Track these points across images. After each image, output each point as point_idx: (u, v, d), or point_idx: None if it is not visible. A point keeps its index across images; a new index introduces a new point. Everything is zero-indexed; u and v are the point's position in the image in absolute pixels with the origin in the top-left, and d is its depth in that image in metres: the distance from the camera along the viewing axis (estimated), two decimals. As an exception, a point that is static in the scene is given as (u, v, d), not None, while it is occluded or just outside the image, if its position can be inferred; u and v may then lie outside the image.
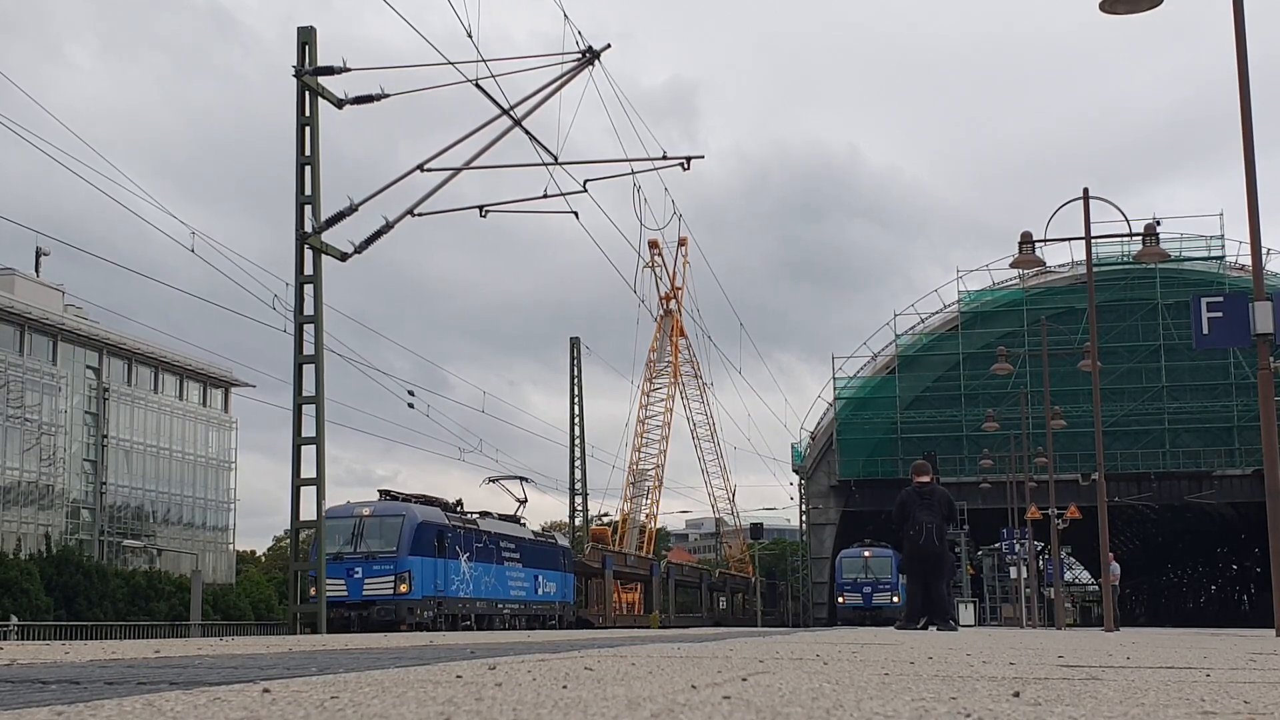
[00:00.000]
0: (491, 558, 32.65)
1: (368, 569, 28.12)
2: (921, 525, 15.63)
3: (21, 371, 54.96)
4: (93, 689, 3.13)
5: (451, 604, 29.86)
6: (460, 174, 20.30)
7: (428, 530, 29.06)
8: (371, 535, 28.68)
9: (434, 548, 29.12)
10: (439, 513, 30.38)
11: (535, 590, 35.84)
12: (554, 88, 19.62)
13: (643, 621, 50.92)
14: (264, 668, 4.20)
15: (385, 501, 30.59)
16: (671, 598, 58.51)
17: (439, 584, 29.25)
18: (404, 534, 28.51)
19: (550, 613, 37.00)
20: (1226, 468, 61.10)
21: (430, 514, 29.74)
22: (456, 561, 30.29)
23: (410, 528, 28.68)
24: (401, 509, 29.42)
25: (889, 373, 66.18)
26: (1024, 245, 21.65)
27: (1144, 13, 12.96)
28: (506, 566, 33.76)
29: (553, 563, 37.83)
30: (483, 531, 32.48)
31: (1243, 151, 12.08)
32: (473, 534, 31.82)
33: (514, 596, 34.14)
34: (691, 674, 3.60)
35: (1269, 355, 12.28)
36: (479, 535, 32.21)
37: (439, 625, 28.79)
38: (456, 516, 31.40)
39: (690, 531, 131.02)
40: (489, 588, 32.43)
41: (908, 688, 3.14)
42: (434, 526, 29.46)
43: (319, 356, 19.18)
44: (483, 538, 32.30)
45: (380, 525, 28.68)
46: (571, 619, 39.19)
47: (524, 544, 35.57)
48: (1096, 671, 4.14)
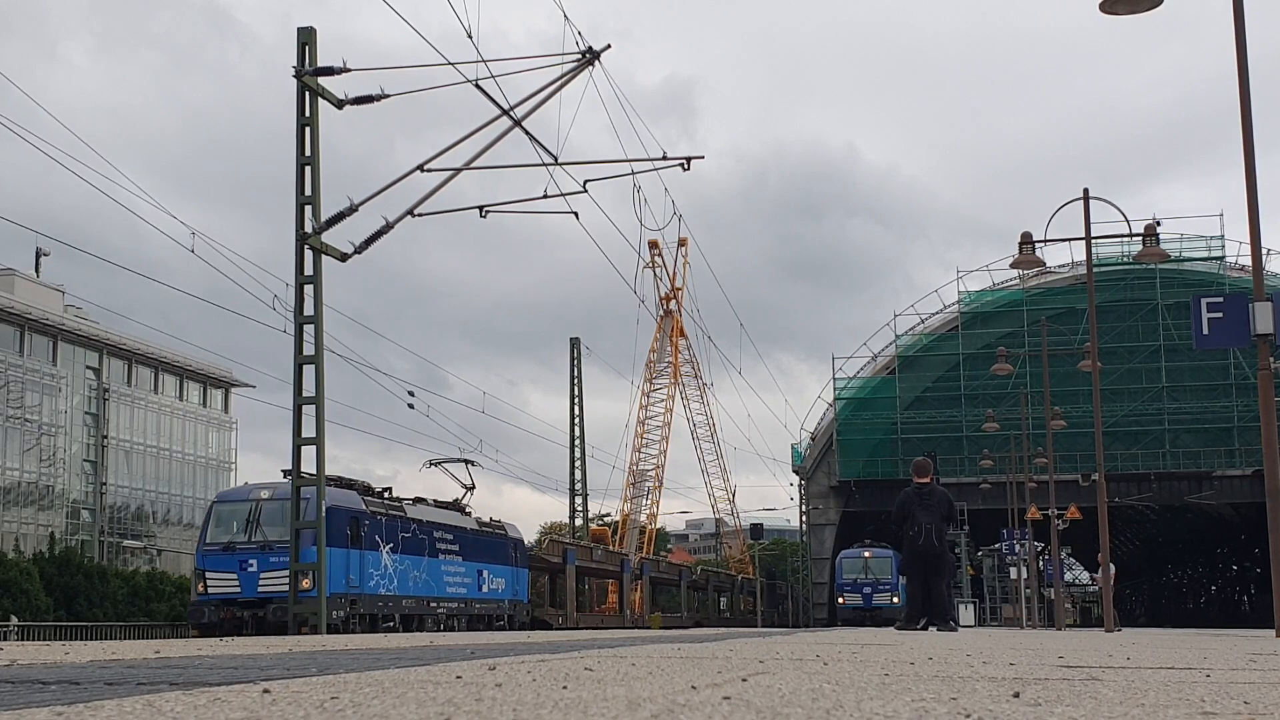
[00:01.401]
0: (422, 549, 29.09)
1: (264, 561, 24.48)
2: (921, 526, 15.62)
3: (21, 372, 54.97)
4: (93, 689, 3.13)
5: (369, 602, 26.33)
6: (460, 174, 20.32)
7: (337, 517, 24.97)
8: (270, 522, 24.92)
9: (345, 537, 25.43)
10: (354, 496, 26.76)
11: (479, 587, 32.31)
12: (554, 88, 19.64)
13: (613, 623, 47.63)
14: (264, 668, 4.20)
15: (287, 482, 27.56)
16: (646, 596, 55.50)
17: (352, 579, 25.71)
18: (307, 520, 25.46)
19: (497, 612, 33.41)
20: (1226, 468, 61.10)
21: (340, 498, 25.85)
22: (376, 554, 26.73)
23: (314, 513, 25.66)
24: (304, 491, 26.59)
25: (889, 373, 66.19)
26: (1024, 245, 21.67)
27: (1144, 13, 12.96)
28: (443, 560, 30.13)
29: (501, 556, 34.19)
30: (411, 519, 28.67)
31: (1243, 152, 12.08)
32: (398, 522, 28.13)
33: (451, 594, 30.54)
34: (691, 674, 3.60)
35: (1269, 355, 12.28)
36: (406, 523, 28.46)
37: (352, 627, 25.48)
38: (377, 501, 27.79)
39: (690, 532, 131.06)
40: (419, 584, 28.89)
41: (908, 688, 3.14)
42: (346, 512, 25.63)
43: (319, 357, 19.18)
44: (411, 526, 28.52)
45: (281, 510, 24.56)
46: (525, 619, 35.74)
47: (465, 534, 31.81)
48: (1096, 672, 4.14)
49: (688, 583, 63.87)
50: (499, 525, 35.46)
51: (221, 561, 24.77)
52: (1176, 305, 58.42)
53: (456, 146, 20.04)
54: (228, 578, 24.61)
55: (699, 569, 70.56)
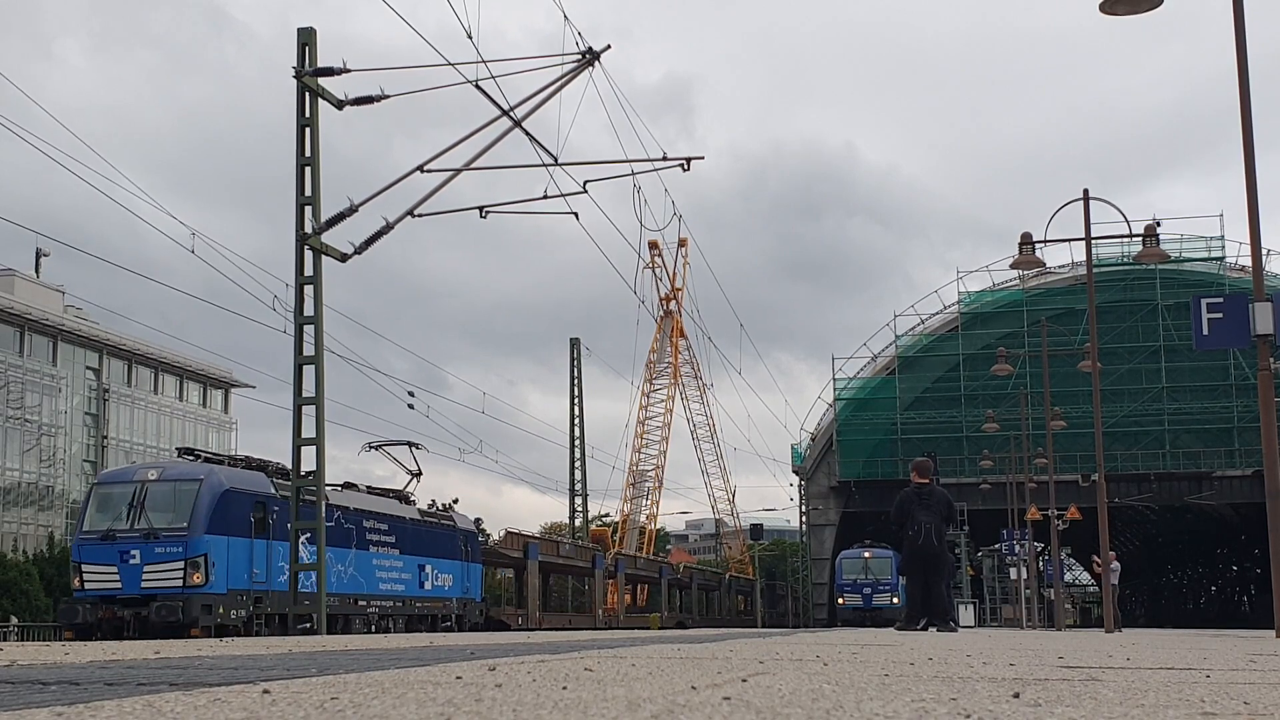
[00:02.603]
0: (349, 541, 25.96)
1: (148, 552, 21.45)
2: (921, 525, 15.63)
3: (22, 372, 54.98)
4: (92, 690, 3.13)
5: (280, 600, 23.07)
6: (460, 174, 20.32)
7: (237, 501, 22.23)
8: (156, 506, 21.96)
9: (248, 524, 22.44)
10: (261, 479, 23.64)
11: (420, 583, 29.17)
12: (554, 89, 19.63)
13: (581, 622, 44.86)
14: (264, 669, 4.20)
15: (180, 462, 23.95)
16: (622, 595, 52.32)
17: (257, 573, 22.63)
18: (199, 504, 21.64)
19: (444, 612, 30.28)
20: (1226, 468, 61.12)
21: (244, 479, 23.04)
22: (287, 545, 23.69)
23: (210, 496, 21.83)
24: (198, 471, 22.53)
25: (889, 373, 66.21)
26: (1024, 246, 21.68)
27: (1144, 13, 12.96)
28: (375, 553, 26.91)
29: (448, 549, 30.85)
30: (334, 506, 25.08)
31: (1243, 152, 12.08)
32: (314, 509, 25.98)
33: (386, 591, 27.39)
34: (691, 675, 3.60)
35: (1269, 356, 12.28)
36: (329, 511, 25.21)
37: (256, 628, 22.47)
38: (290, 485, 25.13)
39: (690, 532, 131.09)
40: (344, 579, 25.90)
41: (908, 689, 3.14)
42: (248, 496, 22.73)
43: (319, 357, 19.18)
44: (334, 514, 24.89)
45: (168, 493, 21.94)
46: (477, 619, 32.30)
47: (403, 525, 28.51)
48: (1096, 672, 4.14)
49: (669, 580, 60.67)
50: (446, 515, 32.47)
51: (100, 552, 21.67)
52: (1176, 306, 58.44)
53: (456, 147, 20.05)
54: (106, 571, 21.50)
55: (681, 566, 67.07)
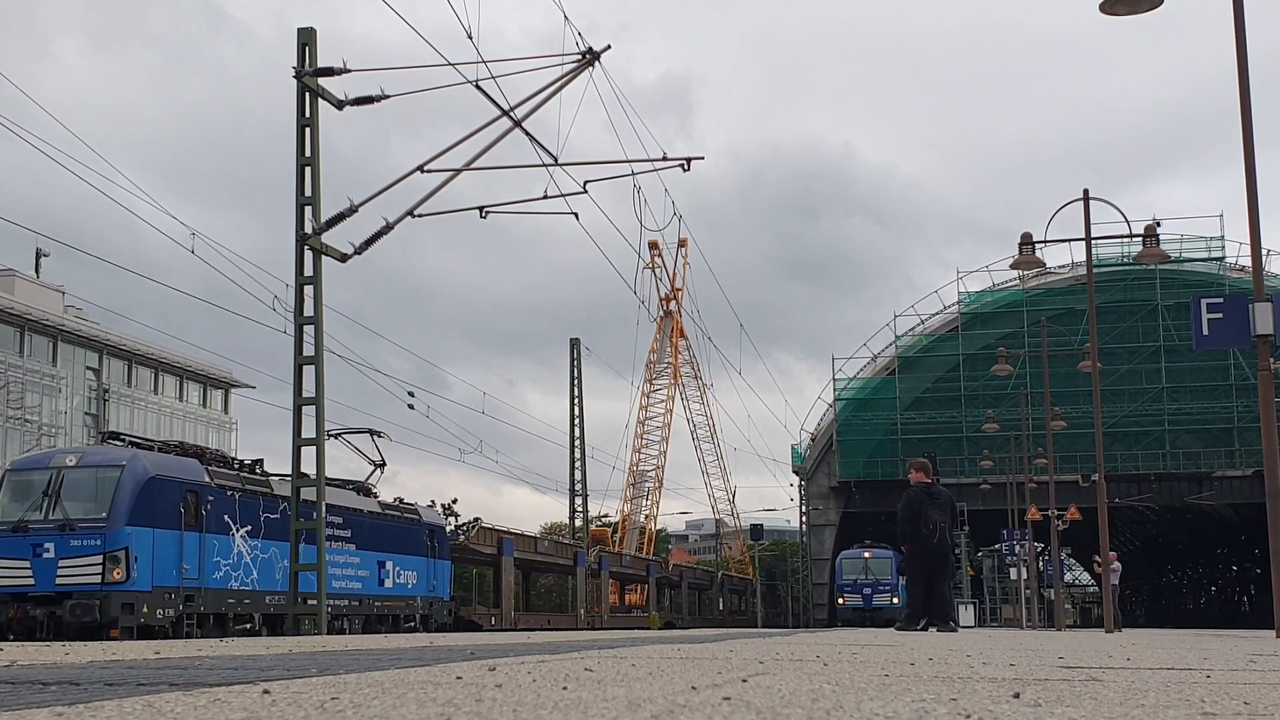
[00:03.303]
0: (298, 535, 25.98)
1: (63, 545, 19.78)
2: (935, 524, 15.62)
3: (22, 373, 54.98)
4: (93, 690, 3.13)
5: (215, 598, 21.45)
6: (460, 174, 20.32)
7: (165, 490, 20.52)
8: (73, 495, 20.22)
9: (176, 515, 20.69)
10: (194, 466, 21.81)
11: (380, 581, 27.41)
12: (554, 89, 19.63)
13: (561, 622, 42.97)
14: (264, 669, 4.20)
15: (102, 447, 22.29)
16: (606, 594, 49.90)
17: (187, 569, 20.81)
18: (121, 493, 19.88)
19: (407, 611, 28.57)
20: (1226, 469, 61.11)
21: (173, 466, 21.23)
22: (225, 538, 21.90)
23: (132, 484, 20.03)
24: (120, 456, 20.62)
25: (889, 374, 66.21)
26: (1024, 246, 21.68)
27: (1144, 13, 12.96)
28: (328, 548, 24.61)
29: (412, 545, 29.12)
30: (279, 497, 23.30)
31: (1243, 152, 12.07)
32: (258, 500, 23.18)
33: (340, 589, 25.48)
34: (691, 675, 3.60)
35: (1269, 356, 12.28)
36: (271, 502, 23.43)
37: (186, 629, 20.74)
38: (229, 474, 22.94)
39: (690, 532, 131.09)
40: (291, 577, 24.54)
41: (908, 689, 3.14)
42: (177, 485, 20.93)
43: (319, 357, 19.18)
44: (279, 506, 23.24)
45: (87, 481, 20.20)
46: (445, 619, 30.61)
47: (360, 518, 26.64)
48: (1097, 672, 4.14)
49: (657, 578, 58.50)
50: (410, 508, 30.38)
51: (11, 546, 19.98)
52: (1176, 306, 58.45)
53: (456, 147, 20.04)
54: (18, 566, 19.81)
55: (671, 564, 64.79)
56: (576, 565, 46.22)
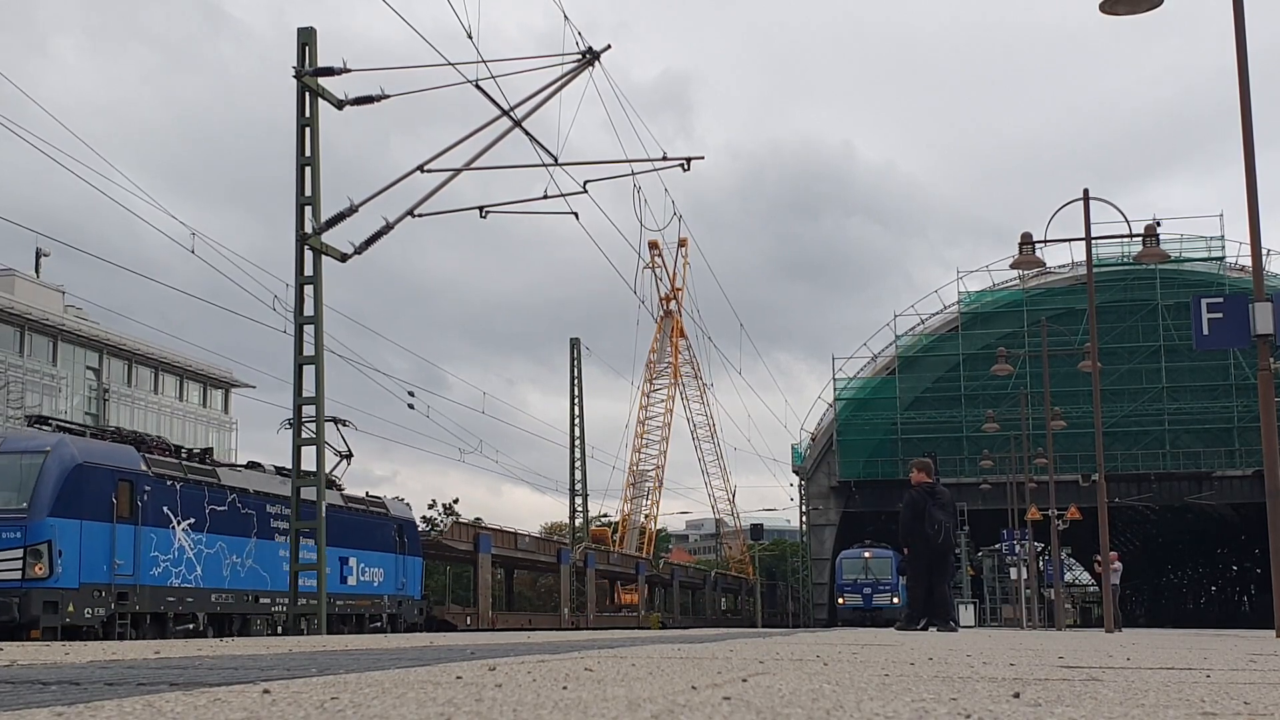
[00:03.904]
0: (247, 528, 22.68)
1: None
2: (940, 524, 15.64)
3: (22, 372, 54.99)
4: (92, 690, 3.13)
5: (153, 596, 19.96)
6: (460, 174, 20.31)
7: (94, 478, 18.97)
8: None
9: (107, 506, 19.10)
10: (128, 454, 20.16)
11: (342, 578, 25.69)
12: (554, 89, 19.63)
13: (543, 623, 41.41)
14: (264, 669, 4.20)
15: (26, 431, 20.64)
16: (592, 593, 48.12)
17: (120, 564, 19.28)
18: (44, 482, 18.36)
19: (373, 611, 26.85)
20: (1226, 468, 61.12)
21: (104, 453, 19.60)
22: (165, 531, 20.37)
23: (57, 472, 18.52)
24: (45, 441, 19.13)
25: (889, 373, 66.22)
26: (1024, 246, 21.67)
27: (1144, 13, 12.95)
28: (281, 543, 23.09)
29: (379, 540, 27.39)
30: (228, 488, 22.10)
31: (1243, 152, 12.06)
32: (204, 490, 21.55)
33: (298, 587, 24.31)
34: (692, 675, 3.60)
35: (1269, 356, 12.28)
36: (219, 493, 21.93)
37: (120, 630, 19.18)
38: (169, 462, 21.20)
39: (690, 532, 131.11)
40: (241, 573, 22.48)
41: (908, 689, 3.14)
42: (108, 473, 19.35)
43: (319, 357, 19.17)
44: (226, 497, 21.92)
45: (8, 468, 18.67)
46: (416, 619, 29.00)
47: None
48: (1096, 672, 4.14)
49: (647, 577, 57.03)
50: (377, 502, 28.64)
51: None
52: (1176, 306, 58.46)
53: (456, 147, 20.05)
54: None
55: (662, 562, 62.88)
56: (560, 563, 44.43)
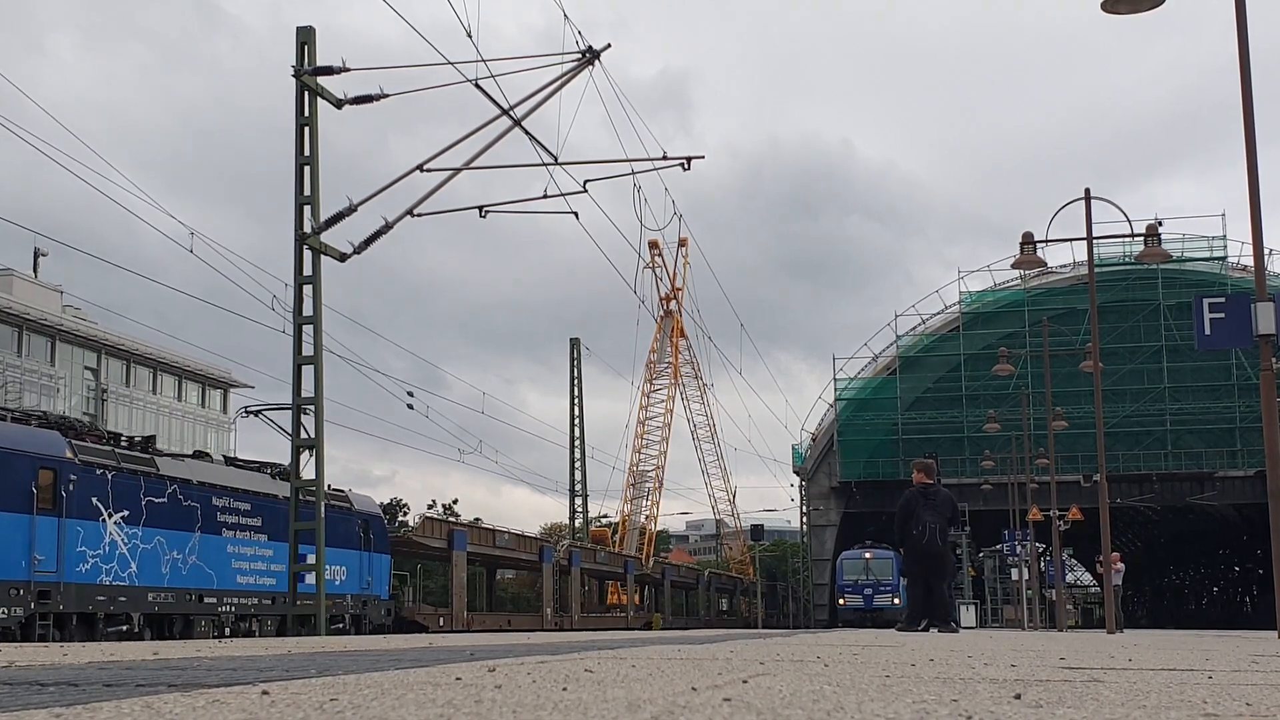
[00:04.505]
0: (190, 523, 21.15)
1: None
2: (925, 525, 15.64)
3: (20, 372, 55.00)
4: (91, 691, 3.12)
5: (79, 595, 18.59)
6: (459, 173, 20.30)
7: (9, 465, 17.79)
8: None
9: (25, 496, 17.88)
10: (52, 439, 18.82)
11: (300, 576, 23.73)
12: (554, 88, 19.62)
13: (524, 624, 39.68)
14: (263, 670, 4.19)
15: None
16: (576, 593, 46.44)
17: (39, 560, 18.01)
18: None
19: (334, 610, 25.01)
20: (1229, 469, 61.11)
21: (21, 438, 18.27)
22: (94, 524, 18.93)
23: None
24: None
25: (890, 374, 66.22)
26: (1025, 246, 21.66)
27: (1145, 11, 12.94)
28: (230, 538, 22.08)
29: (341, 536, 25.79)
30: (167, 478, 20.67)
31: (1244, 152, 12.05)
32: (139, 481, 20.07)
33: (247, 585, 22.58)
34: (692, 676, 3.59)
35: (1271, 356, 12.27)
36: (157, 484, 20.47)
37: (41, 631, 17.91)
38: (101, 450, 19.68)
39: (691, 533, 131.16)
40: (183, 570, 20.90)
41: (909, 690, 3.13)
42: (26, 460, 18.03)
43: (318, 357, 19.17)
44: (165, 488, 20.52)
45: None
46: (383, 619, 27.66)
47: (275, 505, 23.25)
48: (1098, 673, 4.13)
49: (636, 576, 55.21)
50: (340, 495, 26.90)
51: None
52: (1178, 305, 58.46)
53: (456, 146, 20.03)
54: None
55: (651, 561, 61.37)
56: (543, 561, 42.83)
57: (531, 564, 44.40)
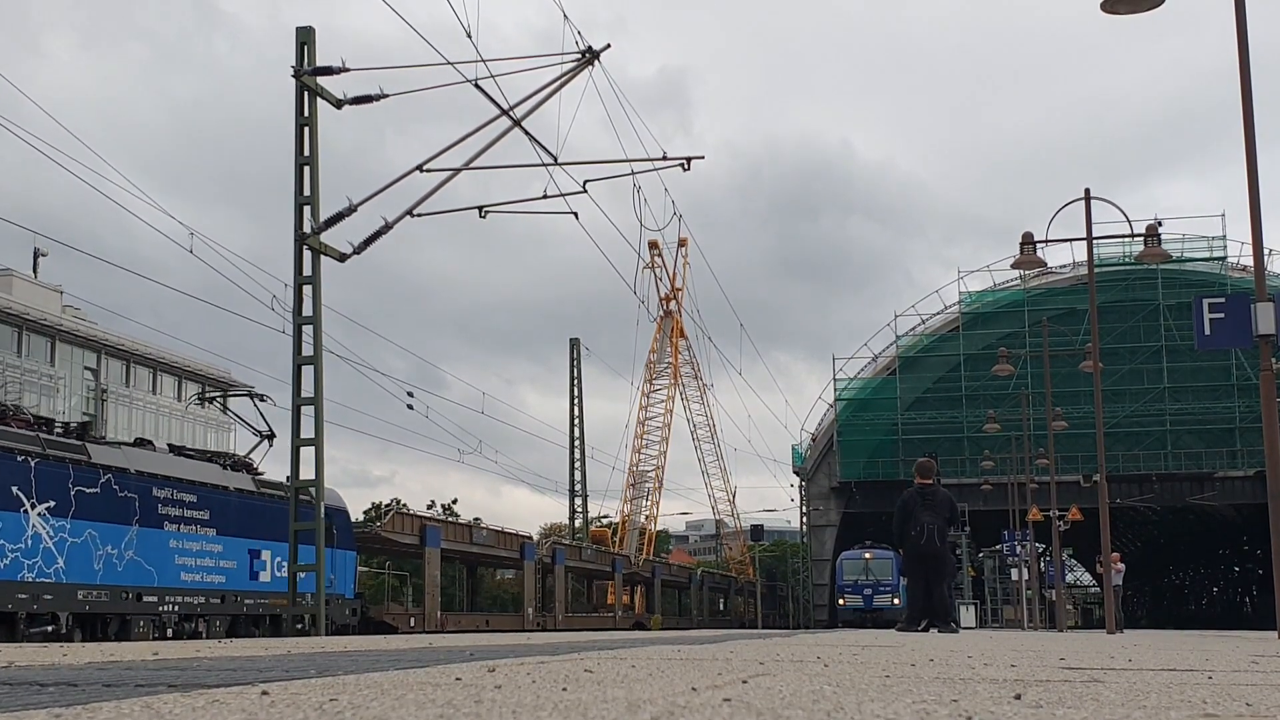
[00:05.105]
0: (127, 515, 19.67)
1: None
2: (923, 525, 15.65)
3: (20, 373, 55.01)
4: (90, 691, 3.12)
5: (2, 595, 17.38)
6: (459, 174, 20.30)
7: None
8: None
9: None
10: None
11: (252, 574, 22.80)
12: (554, 88, 19.61)
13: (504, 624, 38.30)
14: (263, 670, 4.19)
15: None
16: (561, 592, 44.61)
17: None
18: None
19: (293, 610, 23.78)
20: (1228, 469, 61.12)
21: None
22: (14, 515, 17.68)
23: None
24: None
25: (890, 374, 66.24)
26: (1025, 246, 21.66)
27: (1145, 12, 12.94)
28: (174, 531, 20.58)
29: None
30: (100, 466, 19.20)
31: (1244, 151, 12.05)
32: (66, 469, 18.78)
33: (193, 584, 21.00)
34: (692, 676, 3.59)
35: (1271, 356, 12.27)
36: (90, 473, 19.08)
37: None
38: (21, 435, 18.35)
39: (690, 533, 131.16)
40: (119, 568, 19.43)
41: (909, 690, 3.13)
42: None
43: (318, 358, 19.16)
44: (98, 478, 19.08)
45: None
46: (348, 620, 25.77)
47: (225, 497, 21.97)
48: (1098, 674, 4.13)
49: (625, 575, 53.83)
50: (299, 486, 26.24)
51: None
52: (1178, 306, 58.48)
53: (455, 146, 20.03)
54: None
55: (642, 560, 60.02)
56: (524, 559, 41.05)
57: (512, 561, 42.73)
